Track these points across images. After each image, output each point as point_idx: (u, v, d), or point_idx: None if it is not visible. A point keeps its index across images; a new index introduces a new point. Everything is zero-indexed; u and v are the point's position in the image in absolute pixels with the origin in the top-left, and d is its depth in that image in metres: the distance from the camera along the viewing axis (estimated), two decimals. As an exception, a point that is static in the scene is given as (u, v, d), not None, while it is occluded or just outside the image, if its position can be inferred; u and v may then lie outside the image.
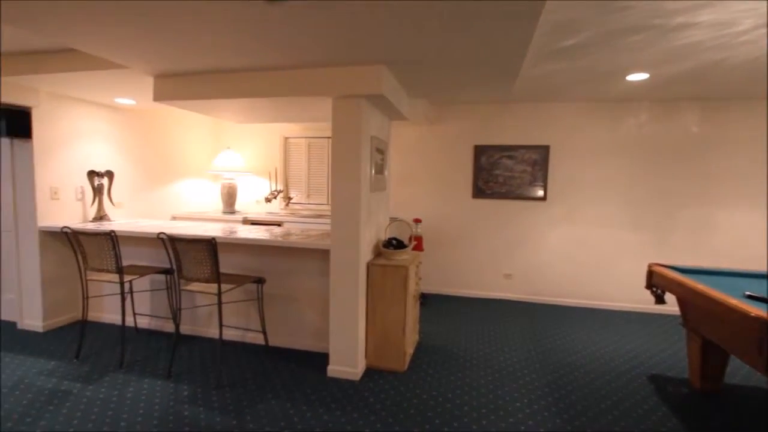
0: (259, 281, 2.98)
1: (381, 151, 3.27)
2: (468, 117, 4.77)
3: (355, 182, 2.71)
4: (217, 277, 2.58)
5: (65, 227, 2.85)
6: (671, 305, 3.82)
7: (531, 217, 4.68)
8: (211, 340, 3.35)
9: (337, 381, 2.72)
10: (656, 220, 4.36)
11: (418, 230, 4.73)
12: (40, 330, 3.44)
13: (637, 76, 3.35)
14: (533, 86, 3.78)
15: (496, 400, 2.52)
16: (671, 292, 2.69)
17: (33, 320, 3.47)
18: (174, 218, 4.78)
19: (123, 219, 4.00)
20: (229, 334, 3.36)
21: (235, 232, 3.28)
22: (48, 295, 3.46)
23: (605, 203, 4.47)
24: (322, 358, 3.03)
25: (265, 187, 5.42)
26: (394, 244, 3.18)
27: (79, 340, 3.19)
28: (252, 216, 4.86)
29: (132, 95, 3.50)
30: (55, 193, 3.46)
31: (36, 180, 3.31)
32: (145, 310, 3.59)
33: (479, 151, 4.79)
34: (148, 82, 3.09)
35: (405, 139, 4.97)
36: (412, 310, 3.11)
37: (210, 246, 2.52)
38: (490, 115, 4.71)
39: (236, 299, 3.28)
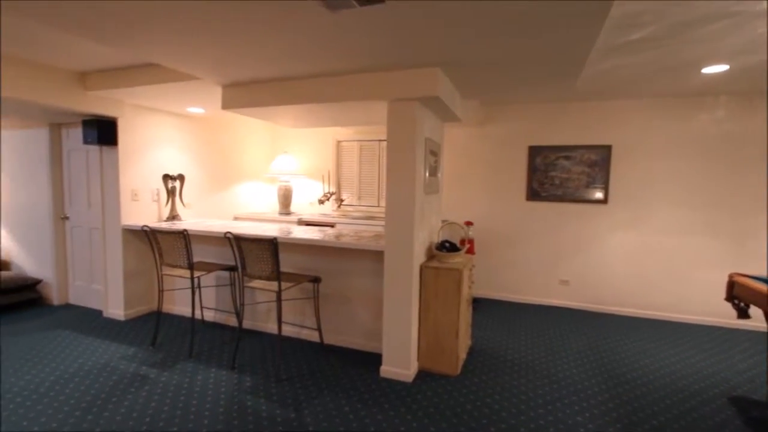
0: (315, 280, 3.09)
1: (434, 153, 3.27)
2: (522, 117, 4.63)
3: (409, 184, 2.74)
4: (277, 275, 2.71)
5: (145, 226, 3.14)
6: (757, 320, 3.46)
7: (590, 221, 4.44)
8: (269, 335, 3.52)
9: (389, 382, 2.75)
10: (735, 225, 3.95)
11: (470, 233, 4.65)
12: (122, 318, 3.81)
13: (715, 68, 3.07)
14: (595, 83, 3.58)
15: (555, 412, 2.42)
16: (757, 305, 2.43)
17: (116, 309, 3.85)
18: (236, 218, 5.08)
19: (192, 219, 4.33)
20: (287, 330, 3.51)
21: (291, 232, 3.43)
22: (128, 287, 3.83)
23: (675, 207, 4.13)
24: (375, 358, 3.08)
25: (319, 189, 5.60)
26: (447, 246, 3.16)
27: (154, 330, 3.50)
28: (306, 217, 5.05)
29: (202, 104, 3.78)
30: (135, 194, 3.82)
31: (120, 183, 3.68)
32: (210, 304, 3.85)
33: (534, 152, 4.63)
34: (217, 92, 3.32)
35: (455, 140, 4.92)
36: (465, 314, 3.07)
37: (272, 245, 2.65)
38: (546, 114, 4.54)
39: (293, 297, 3.42)
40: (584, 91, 3.91)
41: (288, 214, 5.33)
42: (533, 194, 4.67)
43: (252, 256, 2.75)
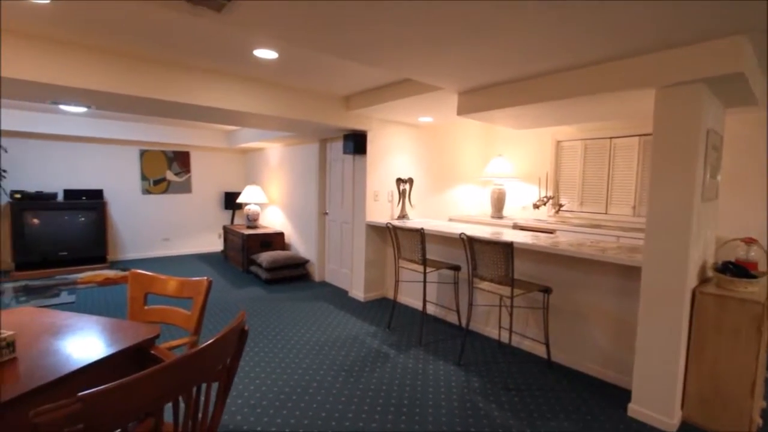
0: (546, 291, 2.88)
1: (716, 149, 2.55)
2: None
3: (684, 189, 2.21)
4: (511, 280, 2.64)
5: (388, 223, 3.62)
6: None
7: None
8: (487, 338, 3.50)
9: (642, 426, 2.29)
10: None
11: (751, 254, 3.47)
12: (362, 300, 4.52)
13: None
14: None
15: None
16: None
17: (357, 291, 4.60)
18: (450, 219, 5.32)
19: (416, 218, 4.77)
20: (507, 337, 3.41)
21: (501, 234, 3.32)
22: (368, 274, 4.51)
23: None
24: (615, 391, 2.64)
25: (533, 193, 5.28)
26: (732, 269, 2.42)
27: (390, 314, 4.00)
28: (520, 222, 4.83)
29: (432, 113, 4.10)
30: (376, 195, 4.47)
31: (366, 186, 4.37)
32: (431, 298, 4.13)
33: None
34: (448, 100, 3.53)
35: (730, 131, 3.76)
36: (763, 365, 2.27)
37: (507, 249, 2.60)
38: None
39: (518, 305, 3.30)
40: None
41: (500, 217, 5.23)
42: None
43: (485, 258, 2.77)
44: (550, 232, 4.49)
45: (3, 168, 5.46)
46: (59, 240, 5.60)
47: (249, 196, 6.25)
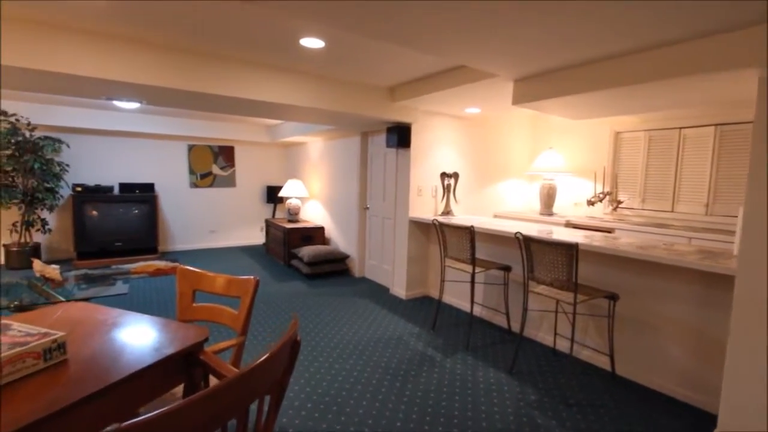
0: (612, 297, 2.61)
1: (831, 139, 2.16)
2: None
3: (794, 186, 1.88)
4: (574, 285, 2.40)
5: (434, 219, 3.45)
6: None
7: None
8: (540, 344, 3.27)
9: (731, 455, 2.00)
10: None
11: None
12: (403, 297, 4.39)
13: None
14: None
15: None
16: None
17: (399, 289, 4.47)
18: (495, 216, 5.06)
19: (460, 214, 4.55)
20: (563, 345, 3.16)
21: (553, 233, 3.05)
22: (410, 271, 4.37)
23: None
24: (692, 413, 2.35)
25: (587, 188, 4.91)
26: None
27: (434, 315, 3.84)
28: (573, 219, 4.49)
29: (482, 104, 3.86)
30: (420, 190, 4.30)
31: (410, 180, 4.21)
32: (477, 299, 3.93)
33: None
34: (499, 89, 3.29)
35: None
36: None
37: (571, 251, 2.36)
38: None
39: (578, 311, 3.04)
40: None
41: (550, 214, 4.90)
42: None
43: (544, 260, 2.54)
44: (608, 231, 4.14)
45: (66, 162, 5.80)
46: (115, 231, 5.89)
47: (290, 190, 6.28)
